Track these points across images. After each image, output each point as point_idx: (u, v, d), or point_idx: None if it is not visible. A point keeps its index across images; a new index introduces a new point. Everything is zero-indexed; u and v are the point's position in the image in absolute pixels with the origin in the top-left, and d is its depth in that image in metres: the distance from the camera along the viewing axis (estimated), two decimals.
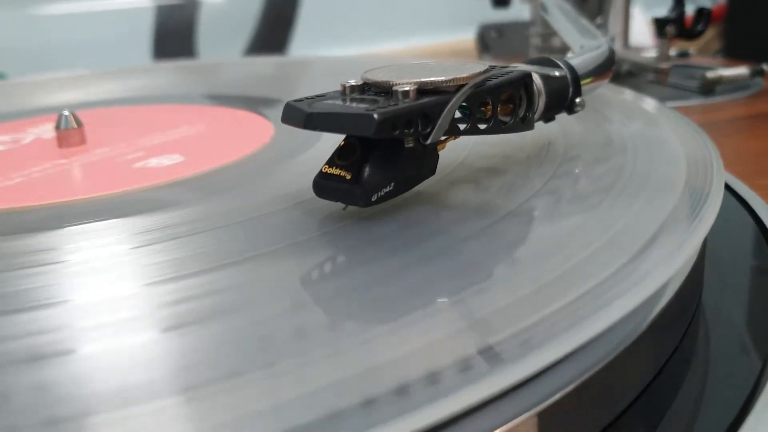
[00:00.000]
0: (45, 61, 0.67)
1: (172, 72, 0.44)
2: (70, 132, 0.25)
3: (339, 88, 0.16)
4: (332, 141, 0.16)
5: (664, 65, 0.43)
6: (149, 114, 0.30)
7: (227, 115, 0.29)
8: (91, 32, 0.73)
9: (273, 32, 0.79)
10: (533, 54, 0.47)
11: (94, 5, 0.74)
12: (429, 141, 0.15)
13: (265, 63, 0.47)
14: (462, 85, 0.15)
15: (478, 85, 0.15)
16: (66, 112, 0.25)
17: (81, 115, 0.25)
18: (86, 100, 0.35)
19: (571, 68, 0.19)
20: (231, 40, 0.77)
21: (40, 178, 0.22)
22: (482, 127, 0.16)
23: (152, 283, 0.14)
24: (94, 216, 0.18)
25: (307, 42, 0.79)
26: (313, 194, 0.16)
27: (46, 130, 0.27)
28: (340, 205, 0.16)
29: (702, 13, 0.41)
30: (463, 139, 0.17)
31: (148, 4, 0.75)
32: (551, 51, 0.45)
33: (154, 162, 0.23)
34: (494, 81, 0.16)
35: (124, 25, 0.74)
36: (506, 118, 0.17)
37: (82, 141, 0.25)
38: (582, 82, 0.19)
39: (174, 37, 0.75)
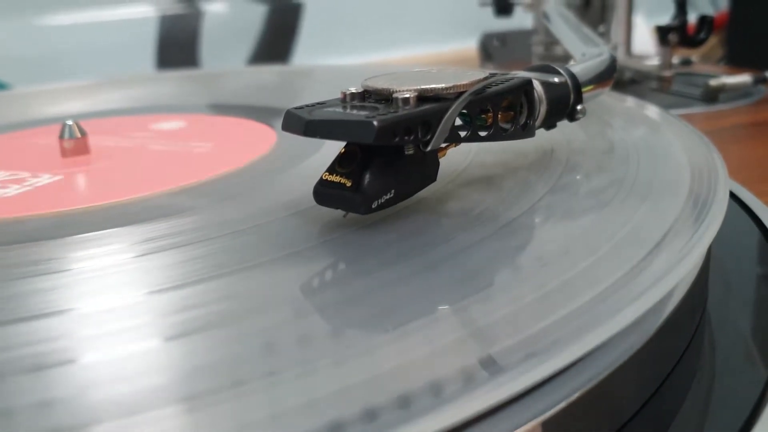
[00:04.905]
0: (49, 71, 0.67)
1: (175, 81, 0.44)
2: (73, 141, 0.25)
3: (339, 95, 0.16)
4: (334, 149, 0.16)
5: (667, 73, 0.43)
6: (153, 123, 0.30)
7: (230, 124, 0.29)
8: (94, 42, 0.73)
9: (276, 41, 0.79)
10: (536, 62, 0.47)
11: (98, 15, 0.75)
12: (429, 148, 0.15)
13: (269, 72, 0.48)
14: (462, 92, 0.15)
15: (478, 92, 0.15)
16: (69, 122, 0.25)
17: (85, 124, 0.25)
18: (90, 109, 0.35)
19: (572, 75, 0.19)
20: (234, 50, 0.77)
21: (44, 188, 0.22)
22: (483, 134, 0.16)
23: (154, 292, 0.14)
24: (98, 225, 0.18)
25: (311, 51, 0.79)
26: (314, 202, 0.16)
27: (50, 139, 0.27)
28: (340, 212, 0.16)
29: (704, 21, 0.41)
30: (464, 146, 0.17)
31: (152, 13, 0.76)
32: (554, 59, 0.45)
33: (156, 170, 0.23)
34: (494, 88, 0.16)
35: (127, 34, 0.74)
36: (507, 126, 0.17)
37: (86, 150, 0.25)
38: (583, 90, 0.19)
39: (177, 47, 0.76)
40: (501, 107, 0.17)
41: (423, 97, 0.15)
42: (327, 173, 0.15)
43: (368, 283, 0.13)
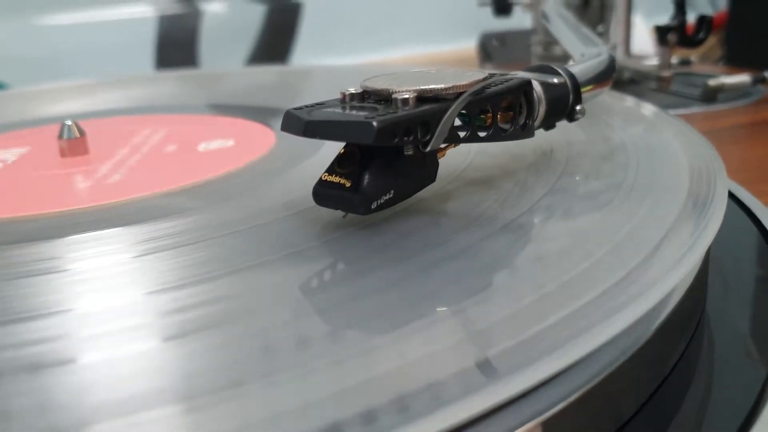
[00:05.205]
0: (47, 71, 0.67)
1: (174, 81, 0.44)
2: (72, 141, 0.25)
3: (339, 96, 0.16)
4: (333, 150, 0.16)
5: (666, 73, 0.43)
6: (151, 123, 0.30)
7: (229, 124, 0.29)
8: (93, 42, 0.73)
9: (275, 41, 0.79)
10: (535, 62, 0.47)
11: (97, 15, 0.75)
12: (428, 148, 0.15)
13: (268, 72, 0.48)
14: (461, 93, 0.15)
15: (477, 93, 0.15)
16: (68, 122, 0.25)
17: (84, 124, 0.25)
18: (89, 109, 0.35)
19: (571, 76, 0.19)
20: (233, 50, 0.77)
21: (43, 188, 0.22)
22: (482, 134, 0.16)
23: (153, 292, 0.14)
24: (96, 225, 0.18)
25: (310, 51, 0.79)
26: (314, 202, 0.16)
27: (49, 139, 0.27)
28: (340, 213, 0.16)
29: (703, 21, 0.41)
30: (464, 146, 0.17)
31: (151, 13, 0.76)
32: (553, 59, 0.45)
33: (155, 171, 0.23)
34: (494, 89, 0.16)
35: (126, 34, 0.74)
36: (506, 126, 0.17)
37: (85, 150, 0.25)
38: (582, 90, 0.19)
39: (176, 47, 0.76)
40: (500, 108, 0.17)
41: (422, 97, 0.15)
42: (326, 174, 0.15)
43: (368, 284, 0.13)
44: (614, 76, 0.21)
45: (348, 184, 0.15)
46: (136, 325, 0.13)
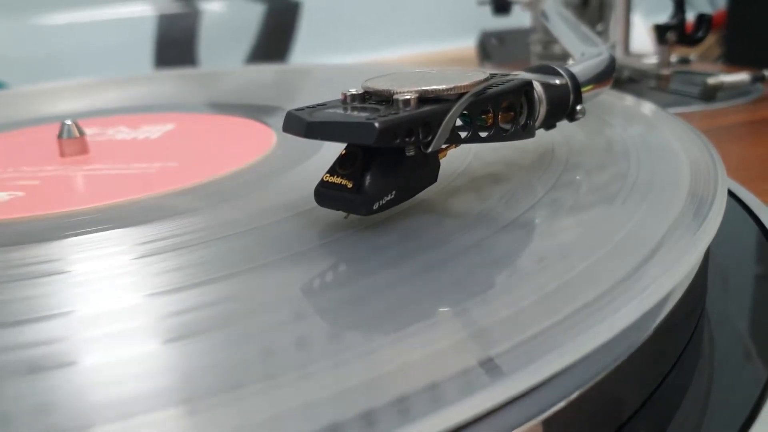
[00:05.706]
0: (47, 71, 0.67)
1: (173, 80, 0.44)
2: (72, 141, 0.25)
3: (340, 96, 0.16)
4: (334, 150, 0.16)
5: (665, 72, 0.43)
6: (151, 123, 0.30)
7: (229, 124, 0.29)
8: (93, 41, 0.73)
9: (274, 40, 0.79)
10: (534, 61, 0.47)
11: (96, 14, 0.75)
12: (430, 149, 0.15)
13: (267, 71, 0.48)
14: (462, 94, 0.15)
15: (478, 94, 0.15)
16: (68, 121, 0.25)
17: (83, 123, 0.25)
18: (88, 109, 0.35)
19: (571, 76, 0.19)
20: (232, 49, 0.77)
21: (42, 188, 0.22)
22: (483, 135, 0.16)
23: (154, 294, 0.14)
24: (96, 225, 0.18)
25: (309, 50, 0.79)
26: (315, 203, 0.16)
27: (49, 139, 0.27)
28: (341, 213, 0.16)
29: (702, 20, 0.41)
30: (465, 147, 0.17)
31: (150, 13, 0.76)
32: (552, 58, 0.45)
33: (155, 171, 0.23)
34: (495, 89, 0.16)
35: (125, 34, 0.74)
36: (507, 126, 0.17)
37: (84, 150, 0.25)
38: (583, 90, 0.19)
39: (175, 46, 0.75)
40: (501, 108, 0.17)
41: (424, 98, 0.15)
42: (328, 174, 0.15)
43: (369, 285, 0.13)
44: (614, 75, 0.21)
45: (350, 185, 0.15)
46: (137, 327, 0.13)
